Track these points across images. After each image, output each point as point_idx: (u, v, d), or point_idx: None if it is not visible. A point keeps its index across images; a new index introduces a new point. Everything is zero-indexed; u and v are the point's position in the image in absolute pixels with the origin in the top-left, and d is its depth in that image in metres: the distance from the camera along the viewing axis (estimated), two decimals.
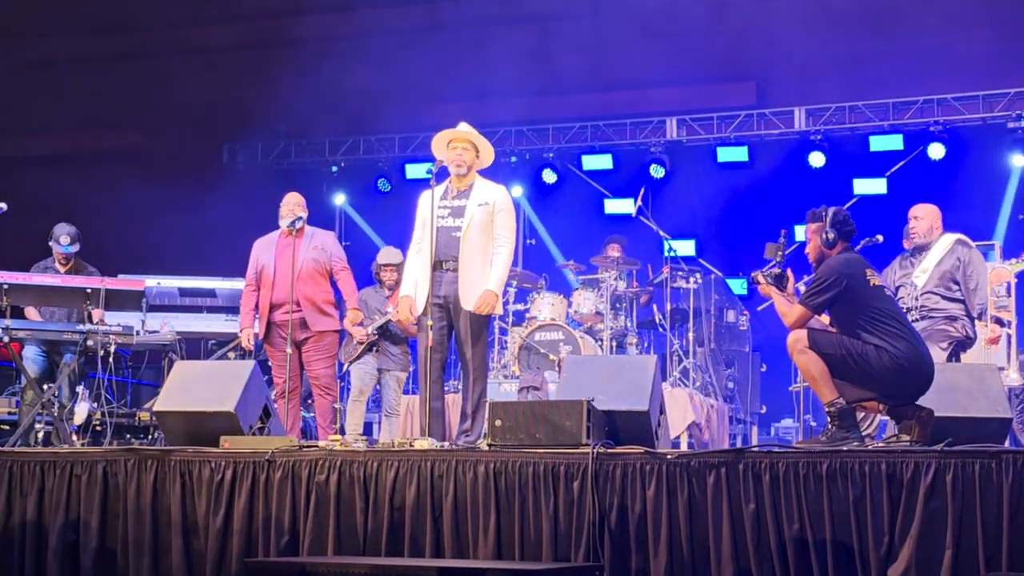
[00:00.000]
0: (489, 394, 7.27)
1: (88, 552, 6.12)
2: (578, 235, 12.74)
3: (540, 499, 5.46)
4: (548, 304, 10.27)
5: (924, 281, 7.56)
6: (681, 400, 9.13)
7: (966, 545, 4.86)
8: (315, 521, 5.81)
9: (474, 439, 6.59)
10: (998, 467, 4.87)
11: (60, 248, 8.67)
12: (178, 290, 9.79)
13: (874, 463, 5.04)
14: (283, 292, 7.77)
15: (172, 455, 6.14)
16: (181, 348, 9.09)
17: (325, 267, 7.97)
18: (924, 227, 7.74)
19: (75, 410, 8.20)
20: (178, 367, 6.90)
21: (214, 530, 5.95)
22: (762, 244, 6.13)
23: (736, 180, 12.84)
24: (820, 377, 5.61)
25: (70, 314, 8.75)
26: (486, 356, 7.06)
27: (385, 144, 13.69)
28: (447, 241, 6.81)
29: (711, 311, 11.03)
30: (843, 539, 5.04)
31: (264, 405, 6.71)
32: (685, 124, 12.92)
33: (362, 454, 5.84)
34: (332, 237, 8.23)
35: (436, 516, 5.63)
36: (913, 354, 5.57)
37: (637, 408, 5.85)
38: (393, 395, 9.05)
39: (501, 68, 12.10)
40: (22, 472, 6.30)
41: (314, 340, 7.84)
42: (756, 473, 5.19)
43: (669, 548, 5.25)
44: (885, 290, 5.79)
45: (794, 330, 5.72)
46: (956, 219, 8.40)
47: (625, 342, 10.33)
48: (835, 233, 5.80)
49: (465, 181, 6.93)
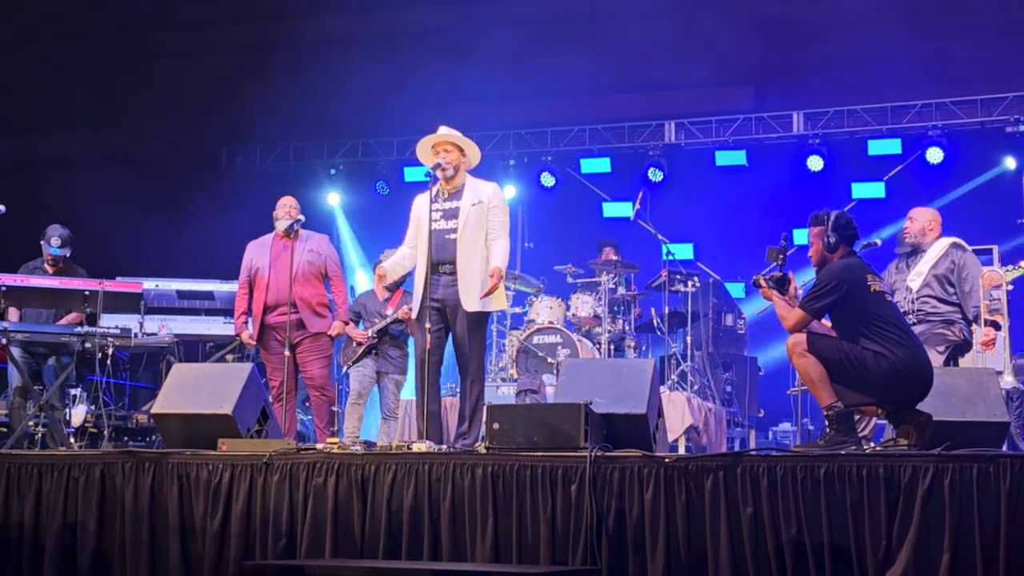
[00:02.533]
0: (487, 397, 7.27)
1: (85, 554, 6.12)
2: (576, 239, 12.74)
3: (538, 502, 5.46)
4: (546, 307, 10.28)
5: (919, 284, 7.57)
6: (679, 404, 9.12)
7: (964, 549, 4.86)
8: (313, 524, 5.80)
9: (472, 442, 6.59)
10: (996, 471, 4.87)
11: (49, 250, 8.63)
12: (176, 292, 9.79)
13: (872, 467, 5.04)
14: (277, 294, 7.77)
15: (170, 458, 6.14)
16: (179, 350, 9.09)
17: (320, 270, 7.98)
18: (916, 228, 7.75)
19: (72, 413, 8.19)
20: (176, 369, 6.89)
21: (211, 533, 5.95)
22: (761, 248, 6.13)
23: (734, 184, 12.85)
24: (819, 380, 5.61)
25: (55, 316, 8.73)
26: (483, 359, 7.06)
27: (383, 147, 13.69)
28: (442, 244, 6.81)
29: (709, 315, 11.03)
30: (841, 543, 5.04)
31: (262, 408, 6.71)
32: (683, 128, 12.92)
33: (360, 457, 5.84)
34: (326, 240, 8.24)
35: (434, 519, 5.63)
36: (912, 360, 5.57)
37: (635, 411, 5.84)
38: (391, 398, 9.05)
39: (499, 71, 12.11)
40: (19, 474, 6.30)
41: (309, 341, 7.85)
42: (754, 477, 5.19)
43: (667, 552, 5.25)
44: (886, 296, 5.78)
45: (793, 333, 5.72)
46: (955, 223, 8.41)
47: (623, 345, 10.33)
48: (837, 237, 5.80)
49: (455, 182, 6.93)
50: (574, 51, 12.57)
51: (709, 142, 12.82)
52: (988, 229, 11.53)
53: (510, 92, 12.69)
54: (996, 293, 7.48)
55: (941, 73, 11.95)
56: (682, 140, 12.93)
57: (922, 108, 12.07)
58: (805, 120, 12.48)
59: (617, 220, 12.76)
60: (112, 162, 13.52)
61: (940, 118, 12.00)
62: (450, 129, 7.01)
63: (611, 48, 12.61)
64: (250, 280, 7.98)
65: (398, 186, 13.43)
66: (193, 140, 13.64)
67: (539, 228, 13.17)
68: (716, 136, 12.77)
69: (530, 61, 12.38)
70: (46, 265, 8.73)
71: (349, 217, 14.09)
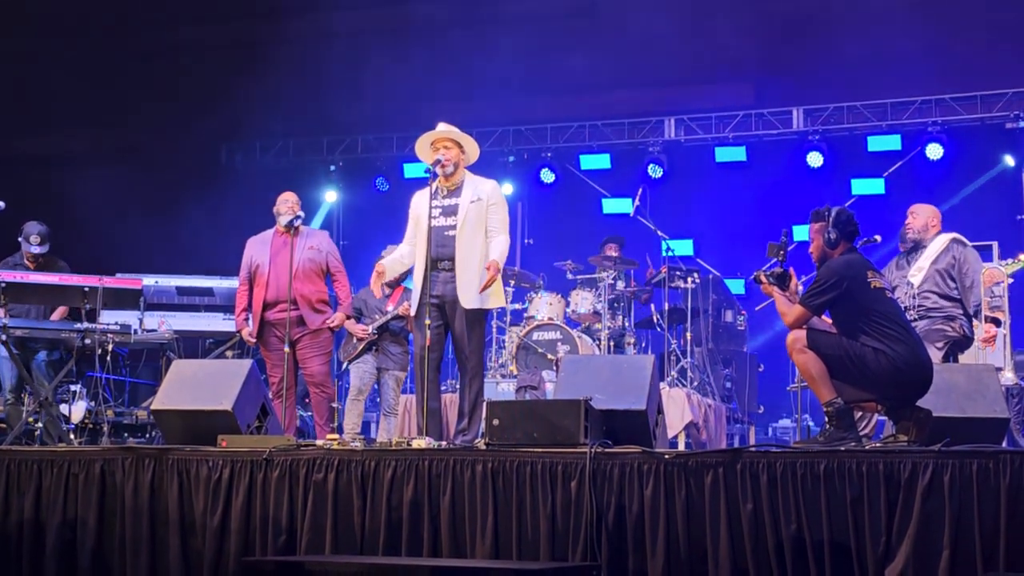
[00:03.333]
0: (487, 393, 7.28)
1: (85, 551, 6.12)
2: (576, 235, 12.73)
3: (538, 498, 5.46)
4: (546, 304, 10.28)
5: (920, 280, 7.57)
6: (679, 400, 9.13)
7: (963, 545, 4.86)
8: (313, 520, 5.80)
9: (471, 438, 6.59)
10: (996, 467, 4.87)
11: (29, 248, 8.67)
12: (176, 289, 9.79)
13: (872, 463, 5.04)
14: (277, 290, 7.77)
15: (170, 454, 6.14)
16: (179, 347, 9.08)
17: (321, 266, 7.98)
18: (919, 224, 7.75)
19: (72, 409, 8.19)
20: (176, 366, 6.89)
21: (212, 529, 5.95)
22: (760, 244, 6.13)
23: (734, 180, 12.85)
24: (818, 377, 5.61)
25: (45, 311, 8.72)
26: (482, 355, 7.07)
27: (383, 143, 13.69)
28: (441, 240, 6.81)
29: (709, 311, 11.03)
30: (841, 539, 5.04)
31: (262, 404, 6.71)
32: (683, 124, 12.92)
33: (360, 453, 5.84)
34: (326, 236, 8.25)
35: (434, 515, 5.63)
36: (911, 357, 5.57)
37: (635, 408, 5.85)
38: (392, 394, 9.05)
39: (499, 67, 12.10)
40: (19, 471, 6.30)
41: (309, 337, 7.85)
42: (754, 473, 5.19)
43: (667, 548, 5.25)
44: (886, 292, 5.78)
45: (793, 330, 5.73)
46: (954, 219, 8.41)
47: (623, 342, 10.33)
48: (838, 233, 5.81)
49: (454, 179, 6.93)
50: (573, 47, 12.57)
51: (709, 138, 12.82)
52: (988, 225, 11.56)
53: (509, 88, 12.68)
54: (997, 290, 7.48)
55: (941, 69, 11.94)
56: (682, 136, 12.93)
57: (922, 104, 12.06)
58: (805, 116, 12.48)
59: (617, 216, 12.76)
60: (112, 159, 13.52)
61: (940, 114, 11.99)
62: (449, 126, 7.01)
63: (611, 44, 12.60)
64: (250, 276, 7.98)
65: (398, 182, 13.42)
66: (193, 137, 13.63)
67: (539, 224, 13.18)
68: (716, 132, 12.76)
69: (530, 57, 12.38)
70: (26, 261, 8.73)
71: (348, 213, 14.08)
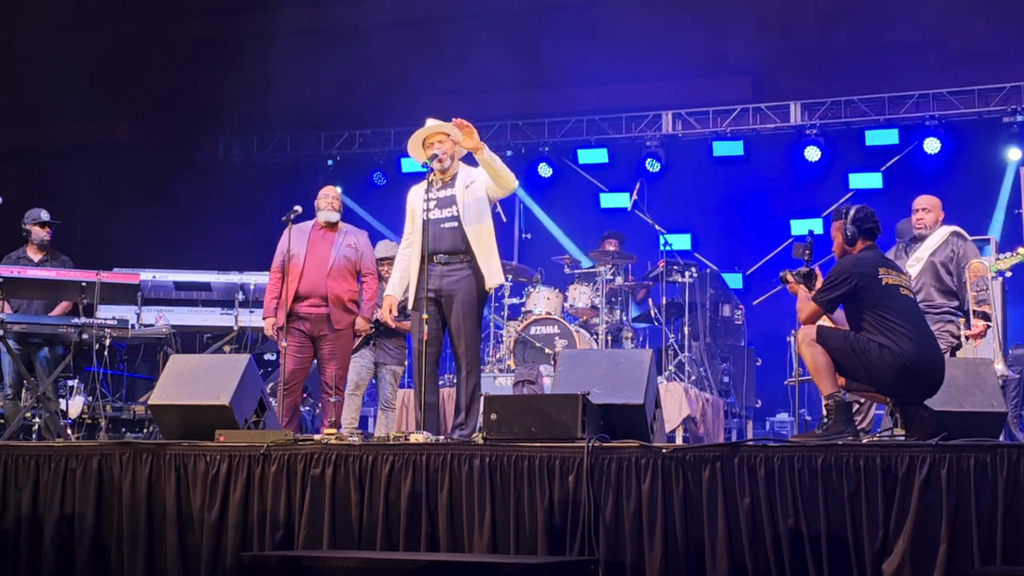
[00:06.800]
0: (484, 388, 7.26)
1: (83, 546, 6.12)
2: (574, 229, 12.73)
3: (535, 493, 5.46)
4: (544, 298, 10.28)
5: (918, 270, 7.56)
6: (676, 394, 9.13)
7: (961, 539, 4.87)
8: (310, 515, 5.80)
9: (469, 433, 6.59)
10: (993, 461, 4.87)
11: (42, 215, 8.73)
12: (173, 283, 9.77)
13: (869, 457, 5.04)
14: (310, 285, 7.70)
15: (167, 449, 6.14)
16: (176, 341, 9.08)
17: (355, 266, 7.93)
18: (931, 219, 7.74)
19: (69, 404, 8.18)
20: (173, 361, 6.88)
21: (209, 524, 5.95)
22: (758, 238, 6.18)
23: (732, 174, 12.86)
24: (823, 369, 5.63)
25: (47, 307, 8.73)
26: (479, 349, 7.06)
27: (380, 138, 13.69)
28: (437, 234, 6.81)
29: (706, 305, 11.03)
30: (838, 533, 5.05)
31: (259, 399, 6.70)
32: (681, 118, 12.93)
33: (357, 448, 5.84)
34: (365, 237, 8.15)
35: (431, 510, 5.63)
36: (918, 355, 5.56)
37: (632, 402, 5.85)
38: (389, 389, 9.05)
39: (496, 61, 12.10)
40: (17, 466, 6.30)
41: (333, 339, 7.77)
42: (751, 467, 5.19)
43: (664, 542, 5.25)
44: (901, 289, 5.78)
45: (805, 325, 5.77)
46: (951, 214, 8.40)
47: (620, 336, 10.33)
48: (855, 230, 5.86)
49: (450, 171, 6.95)
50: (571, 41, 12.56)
51: (706, 132, 12.82)
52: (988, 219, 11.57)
53: (507, 82, 12.68)
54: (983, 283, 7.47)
55: (938, 63, 11.95)
56: (679, 131, 12.94)
57: (919, 98, 12.07)
58: (802, 110, 12.48)
59: (614, 211, 12.77)
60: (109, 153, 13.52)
61: (937, 108, 12.00)
62: (435, 120, 7.01)
63: (608, 38, 12.60)
64: (283, 265, 7.82)
65: (395, 177, 13.42)
66: (190, 131, 13.63)
67: (536, 219, 13.18)
68: (713, 126, 12.77)
69: (527, 51, 12.38)
70: (30, 253, 8.72)
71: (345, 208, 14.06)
